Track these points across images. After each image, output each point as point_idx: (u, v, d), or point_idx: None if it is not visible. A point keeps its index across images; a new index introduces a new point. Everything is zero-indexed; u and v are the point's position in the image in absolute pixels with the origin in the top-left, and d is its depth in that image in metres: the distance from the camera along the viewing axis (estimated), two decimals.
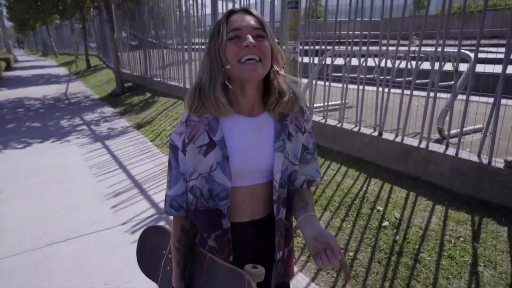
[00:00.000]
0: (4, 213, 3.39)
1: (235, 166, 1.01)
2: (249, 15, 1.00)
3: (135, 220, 3.20)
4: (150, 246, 1.35)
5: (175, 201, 1.06)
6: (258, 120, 1.05)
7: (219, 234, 1.05)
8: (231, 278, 1.00)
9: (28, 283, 2.41)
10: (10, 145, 5.62)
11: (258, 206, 1.09)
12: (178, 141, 1.03)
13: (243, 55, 0.94)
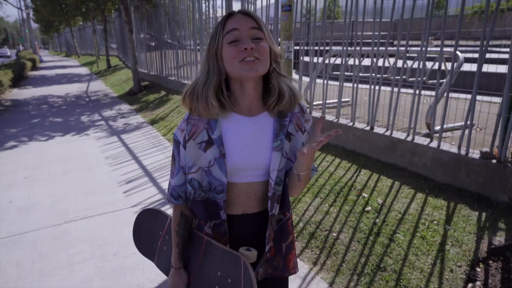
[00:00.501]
0: (30, 195, 3.78)
1: (231, 163, 1.06)
2: (247, 17, 1.02)
3: (143, 203, 3.53)
4: (146, 227, 1.41)
5: (174, 191, 1.14)
6: (257, 119, 1.08)
7: (218, 223, 1.11)
8: (228, 260, 1.06)
9: (49, 252, 2.77)
10: (35, 137, 6.08)
11: (251, 202, 1.14)
12: (180, 136, 1.09)
13: (242, 57, 0.98)
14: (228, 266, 1.06)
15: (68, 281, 2.42)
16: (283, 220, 1.17)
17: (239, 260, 1.03)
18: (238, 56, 0.98)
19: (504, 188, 2.68)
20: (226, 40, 1.00)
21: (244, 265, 1.01)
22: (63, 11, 19.05)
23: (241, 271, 1.02)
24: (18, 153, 5.27)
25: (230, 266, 1.05)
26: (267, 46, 1.01)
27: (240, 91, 1.05)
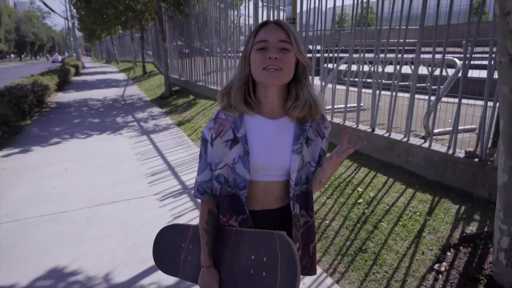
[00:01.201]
0: (69, 183, 4.37)
1: (254, 161, 1.12)
2: (279, 28, 1.07)
3: (164, 192, 4.01)
4: (166, 244, 1.43)
5: (201, 187, 1.21)
6: (279, 122, 1.14)
7: (244, 218, 1.17)
8: (259, 240, 1.10)
9: (83, 228, 3.28)
10: (75, 135, 6.79)
11: (269, 200, 1.19)
12: (208, 135, 1.16)
13: (267, 65, 1.04)
14: (261, 245, 1.09)
15: (97, 250, 2.91)
16: (310, 222, 1.24)
17: (272, 234, 1.07)
18: (262, 63, 1.05)
19: (484, 185, 2.91)
20: (255, 47, 1.07)
21: (279, 236, 1.06)
22: (104, 20, 20.34)
23: (276, 243, 1.06)
24: (60, 148, 5.95)
25: (263, 244, 1.09)
26: (293, 57, 1.07)
27: (264, 95, 1.12)
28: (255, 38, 1.07)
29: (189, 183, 4.26)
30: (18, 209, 3.66)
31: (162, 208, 3.64)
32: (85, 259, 2.77)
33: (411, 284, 2.26)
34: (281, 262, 1.04)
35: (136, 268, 2.66)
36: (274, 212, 1.21)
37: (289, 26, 1.09)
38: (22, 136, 6.80)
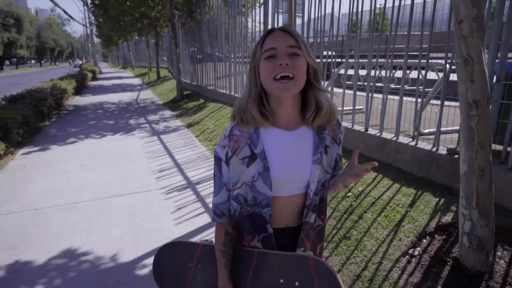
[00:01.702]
0: (82, 178, 4.71)
1: (275, 176, 1.08)
2: (286, 34, 1.04)
3: (170, 187, 4.31)
4: (170, 262, 1.35)
5: (218, 209, 1.16)
6: (296, 133, 1.10)
7: (266, 236, 1.13)
8: (290, 264, 1.05)
9: (95, 216, 3.60)
10: (90, 135, 7.18)
11: (293, 214, 1.15)
12: (222, 153, 1.11)
13: (277, 73, 1.00)
14: (292, 269, 1.05)
15: (107, 235, 3.21)
16: (321, 226, 1.22)
17: (305, 259, 1.04)
18: (273, 72, 1.01)
19: None
20: (263, 56, 1.03)
21: (315, 261, 1.02)
22: (121, 27, 21.04)
23: (312, 268, 1.02)
24: (76, 147, 6.34)
25: (295, 269, 1.05)
26: (304, 62, 1.04)
27: (278, 106, 1.08)
28: (262, 47, 1.04)
29: (193, 179, 4.55)
30: (36, 200, 4.01)
31: (167, 200, 3.93)
32: (95, 243, 3.08)
33: (386, 266, 2.48)
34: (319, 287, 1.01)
35: (141, 250, 2.95)
36: (296, 229, 1.17)
37: (296, 31, 1.06)
38: (41, 136, 7.24)
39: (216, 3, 9.39)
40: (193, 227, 3.32)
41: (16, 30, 42.96)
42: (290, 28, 1.06)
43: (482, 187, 2.15)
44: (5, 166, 5.24)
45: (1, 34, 38.82)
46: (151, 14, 14.81)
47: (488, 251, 2.23)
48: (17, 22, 42.92)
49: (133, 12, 13.68)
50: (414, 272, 2.38)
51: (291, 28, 1.06)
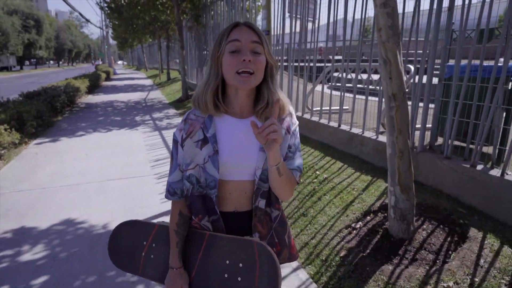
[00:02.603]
0: (87, 165, 5.26)
1: (223, 159, 1.14)
2: (250, 29, 1.10)
3: (162, 173, 4.81)
4: (125, 240, 1.38)
5: (171, 187, 1.21)
6: (247, 122, 1.15)
7: (215, 219, 1.18)
8: (236, 246, 1.12)
9: (93, 195, 4.12)
10: (98, 130, 7.78)
11: (242, 199, 1.20)
12: (178, 136, 1.18)
13: (240, 67, 1.06)
14: (238, 252, 1.11)
15: (101, 210, 3.72)
16: (279, 215, 1.25)
17: (251, 242, 1.09)
18: (236, 66, 1.07)
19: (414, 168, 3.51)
20: (228, 48, 1.08)
21: (259, 245, 1.08)
22: (134, 30, 21.86)
23: (255, 252, 1.08)
24: (84, 139, 6.93)
25: (241, 251, 1.11)
26: (264, 60, 1.11)
27: (235, 96, 1.15)
28: (227, 38, 1.09)
29: None
30: (44, 181, 4.57)
31: (158, 184, 4.44)
32: (91, 215, 3.60)
33: (329, 235, 2.92)
34: (259, 269, 1.07)
35: None
36: (246, 214, 1.22)
37: (259, 28, 1.13)
38: (53, 129, 7.86)
39: (221, 8, 9.94)
40: None
41: (36, 32, 44.53)
42: (254, 24, 1.13)
43: (403, 166, 2.58)
44: (19, 154, 5.84)
45: (22, 35, 40.33)
46: (161, 18, 15.45)
47: (409, 221, 2.65)
48: (37, 23, 44.51)
49: (144, 16, 14.34)
50: (352, 240, 2.82)
51: (255, 24, 1.13)
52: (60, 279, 2.55)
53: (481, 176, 2.89)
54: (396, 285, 2.26)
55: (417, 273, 2.33)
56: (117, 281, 2.52)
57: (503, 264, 2.30)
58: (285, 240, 1.28)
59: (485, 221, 2.79)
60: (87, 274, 2.61)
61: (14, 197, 4.04)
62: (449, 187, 3.19)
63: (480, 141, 2.98)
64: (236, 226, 1.21)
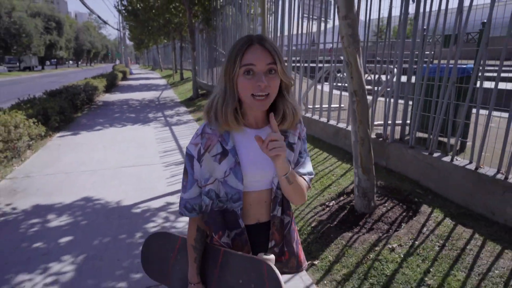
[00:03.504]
0: (104, 155, 5.90)
1: (246, 170, 1.16)
2: (264, 50, 1.09)
3: (169, 162, 5.40)
4: (155, 251, 1.43)
5: (189, 204, 1.21)
6: (263, 132, 1.18)
7: (238, 232, 1.20)
8: (249, 266, 1.13)
9: (109, 179, 4.74)
10: (114, 125, 8.45)
11: (262, 209, 1.22)
12: (194, 151, 1.17)
13: (255, 91, 1.07)
14: (250, 271, 1.11)
15: (116, 190, 4.32)
16: (290, 222, 1.28)
17: (261, 263, 1.09)
18: (251, 90, 1.07)
19: (383, 156, 4.00)
20: (242, 71, 1.08)
21: (268, 267, 1.07)
22: (149, 31, 22.70)
23: (265, 273, 1.08)
24: (101, 133, 7.60)
25: (252, 271, 1.10)
26: (278, 80, 1.11)
27: (250, 110, 1.17)
28: (242, 60, 1.08)
29: None
30: (67, 167, 5.22)
31: (165, 171, 5.03)
32: (107, 194, 4.20)
33: (306, 211, 3.44)
34: None
35: (137, 199, 4.04)
36: (267, 224, 1.24)
37: (273, 44, 1.12)
38: (74, 124, 8.58)
39: (230, 12, 10.51)
40: (178, 188, 4.38)
41: (57, 33, 46.12)
42: (268, 42, 1.11)
43: (363, 152, 3.09)
44: (44, 145, 6.53)
45: (44, 36, 41.87)
46: (174, 21, 16.14)
47: (370, 198, 3.15)
48: (58, 25, 46.11)
49: (158, 19, 15.04)
50: (323, 215, 3.33)
51: (269, 41, 1.11)
52: (82, 240, 3.15)
53: (435, 162, 3.37)
54: (352, 247, 2.77)
55: (371, 238, 2.83)
56: (127, 242, 3.10)
57: (441, 231, 2.78)
58: (293, 248, 1.30)
59: (436, 200, 3.27)
60: (103, 236, 3.20)
61: (42, 180, 4.69)
62: (412, 172, 3.67)
63: (436, 132, 3.45)
64: (260, 237, 1.24)
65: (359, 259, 2.61)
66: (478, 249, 2.51)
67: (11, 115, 5.88)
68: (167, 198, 4.05)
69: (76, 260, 2.83)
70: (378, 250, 2.67)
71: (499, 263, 2.35)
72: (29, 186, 4.45)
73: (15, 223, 3.47)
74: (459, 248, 2.55)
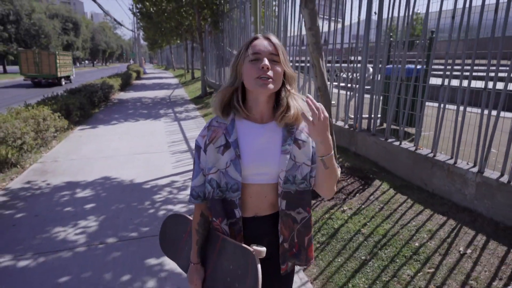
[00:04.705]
0: (119, 144, 6.75)
1: (245, 163, 1.20)
2: (269, 42, 1.20)
3: (176, 150, 6.21)
4: (171, 231, 1.56)
5: (194, 191, 1.30)
6: (268, 127, 1.24)
7: (233, 222, 1.26)
8: (239, 253, 1.19)
9: (124, 163, 5.57)
10: (128, 120, 9.33)
11: (262, 204, 1.26)
12: (201, 142, 1.26)
13: (260, 74, 1.15)
14: (240, 259, 1.18)
15: (130, 171, 5.14)
16: (307, 217, 1.30)
17: (249, 252, 1.15)
18: (256, 73, 1.15)
19: (353, 143, 4.72)
20: (248, 59, 1.18)
21: (252, 257, 1.14)
22: (162, 33, 23.65)
23: (250, 262, 1.14)
24: (116, 126, 8.48)
25: (241, 259, 1.18)
26: (281, 69, 1.19)
27: (255, 102, 1.23)
28: (248, 50, 1.18)
29: (193, 146, 6.43)
30: (88, 154, 6.07)
31: (171, 157, 5.84)
32: (122, 174, 5.02)
33: None
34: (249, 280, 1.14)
35: (148, 178, 4.85)
36: (265, 218, 1.27)
37: (277, 40, 1.21)
38: (92, 119, 9.50)
39: (236, 15, 11.29)
40: (182, 170, 5.18)
41: (74, 34, 47.70)
42: (272, 37, 1.21)
43: None
44: (67, 136, 7.43)
45: (61, 37, 43.43)
46: (185, 23, 17.00)
47: None
48: (75, 26, 47.68)
49: (170, 22, 15.91)
50: None
51: (273, 37, 1.21)
52: (102, 206, 3.96)
53: (388, 146, 4.07)
54: (313, 210, 3.51)
55: (329, 204, 3.57)
56: (138, 207, 3.91)
57: (383, 198, 3.50)
58: (304, 241, 1.33)
59: (387, 176, 3.97)
60: (119, 203, 4.01)
61: (67, 164, 5.55)
62: (373, 155, 4.38)
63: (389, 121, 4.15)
64: (256, 231, 1.28)
65: (317, 218, 3.35)
66: (406, 209, 3.22)
67: (39, 109, 6.77)
68: (172, 178, 4.85)
69: (98, 219, 3.64)
70: (333, 212, 3.40)
71: (418, 218, 3.06)
72: (57, 168, 5.30)
73: (50, 194, 4.31)
74: (393, 209, 3.26)
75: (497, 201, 2.81)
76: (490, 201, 2.88)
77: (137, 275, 2.69)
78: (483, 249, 2.56)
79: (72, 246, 3.10)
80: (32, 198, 4.18)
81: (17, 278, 2.67)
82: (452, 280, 2.34)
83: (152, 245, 3.10)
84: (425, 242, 2.74)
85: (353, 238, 2.94)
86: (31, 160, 5.64)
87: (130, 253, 2.99)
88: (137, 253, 2.99)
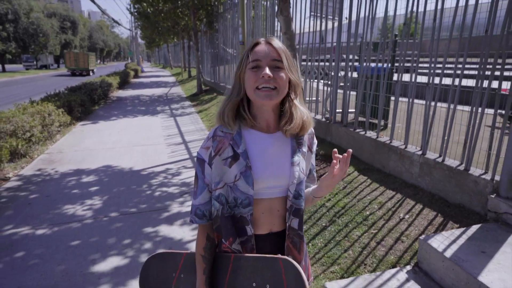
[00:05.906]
0: (119, 137, 7.29)
1: (257, 174, 1.11)
2: (271, 47, 1.11)
3: (171, 143, 6.77)
4: (155, 274, 1.36)
5: (199, 210, 1.18)
6: (275, 136, 1.17)
7: (244, 240, 1.14)
8: (262, 265, 1.06)
9: (124, 153, 6.12)
10: (127, 116, 9.87)
11: (275, 219, 1.17)
12: (205, 155, 1.16)
13: (260, 83, 1.07)
14: (264, 271, 1.06)
15: (129, 161, 5.69)
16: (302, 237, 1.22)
17: (276, 260, 1.04)
18: (256, 82, 1.08)
19: (328, 134, 5.29)
20: (249, 66, 1.10)
21: (284, 261, 1.03)
22: (159, 32, 24.15)
23: (281, 269, 1.03)
24: (116, 122, 9.02)
25: (266, 271, 1.05)
26: (286, 76, 1.10)
27: (260, 111, 1.16)
28: (249, 57, 1.10)
29: (187, 139, 7.00)
30: (90, 146, 6.63)
31: (167, 148, 6.39)
32: (122, 163, 5.57)
33: None
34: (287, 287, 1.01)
35: (145, 166, 5.41)
36: (280, 234, 1.20)
37: (280, 44, 1.14)
38: (92, 115, 10.04)
39: (230, 16, 11.83)
40: (177, 159, 5.74)
41: (72, 32, 48.12)
42: (274, 41, 1.13)
43: None
44: (70, 131, 7.98)
45: (59, 36, 43.81)
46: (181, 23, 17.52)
47: None
48: (73, 25, 48.11)
49: (167, 21, 16.43)
50: None
51: (276, 41, 1.14)
52: (105, 188, 4.52)
53: (356, 135, 4.64)
54: None
55: None
56: (137, 190, 4.46)
57: (348, 179, 4.06)
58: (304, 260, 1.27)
59: (354, 161, 4.54)
60: (120, 186, 4.57)
61: (72, 154, 6.10)
62: (344, 144, 4.95)
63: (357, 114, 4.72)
64: (271, 247, 1.19)
65: None
66: (364, 187, 3.80)
67: (44, 105, 7.31)
68: (167, 166, 5.40)
69: (102, 198, 4.20)
70: None
71: (373, 193, 3.63)
72: (63, 158, 5.85)
73: (59, 179, 4.87)
74: (354, 188, 3.84)
75: (434, 177, 3.39)
76: (429, 177, 3.45)
77: (136, 239, 3.25)
78: (418, 215, 3.13)
79: (81, 219, 3.66)
80: (43, 182, 4.73)
81: (36, 243, 3.23)
82: (389, 237, 2.91)
83: (149, 218, 3.66)
84: (375, 211, 3.31)
85: (318, 210, 3.51)
86: (38, 151, 6.19)
87: (130, 223, 3.55)
88: (136, 223, 3.55)
